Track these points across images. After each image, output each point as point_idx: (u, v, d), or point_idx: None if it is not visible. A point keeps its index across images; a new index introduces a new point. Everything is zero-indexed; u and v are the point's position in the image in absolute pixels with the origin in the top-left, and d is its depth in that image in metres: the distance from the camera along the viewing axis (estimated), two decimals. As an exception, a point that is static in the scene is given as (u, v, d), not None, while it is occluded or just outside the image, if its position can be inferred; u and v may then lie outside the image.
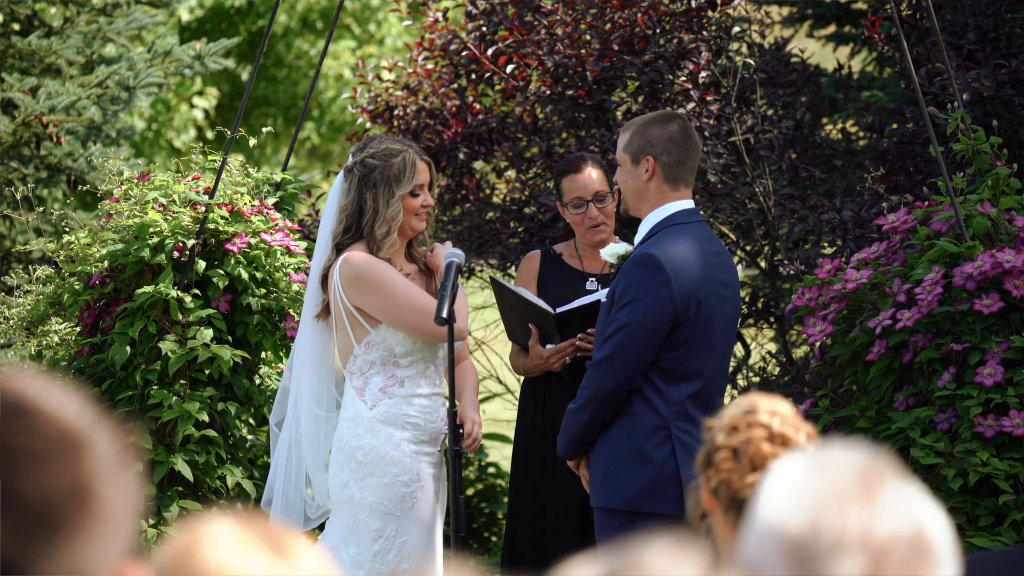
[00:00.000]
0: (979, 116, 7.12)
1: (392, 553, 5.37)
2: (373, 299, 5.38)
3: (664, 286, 5.17)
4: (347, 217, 5.49)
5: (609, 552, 1.76)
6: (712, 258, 5.32)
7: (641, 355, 5.17)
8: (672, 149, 5.32)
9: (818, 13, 9.34)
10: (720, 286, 5.30)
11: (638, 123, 5.40)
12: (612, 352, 5.17)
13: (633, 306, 5.17)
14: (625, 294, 5.21)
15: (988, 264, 5.65)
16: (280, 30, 17.21)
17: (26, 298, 6.45)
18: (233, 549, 1.75)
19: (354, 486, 5.39)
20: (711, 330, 5.26)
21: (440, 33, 7.97)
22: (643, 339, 5.16)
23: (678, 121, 5.38)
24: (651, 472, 5.18)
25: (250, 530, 1.78)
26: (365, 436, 5.39)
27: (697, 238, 5.31)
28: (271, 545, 1.77)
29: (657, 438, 5.20)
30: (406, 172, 5.47)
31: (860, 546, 1.84)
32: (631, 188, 5.37)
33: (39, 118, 8.62)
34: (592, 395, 5.21)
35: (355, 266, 5.40)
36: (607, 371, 5.18)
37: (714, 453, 2.98)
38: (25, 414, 1.70)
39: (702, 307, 5.22)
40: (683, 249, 5.24)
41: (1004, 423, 5.60)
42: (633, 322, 5.16)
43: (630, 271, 5.24)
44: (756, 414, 3.00)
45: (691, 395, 5.23)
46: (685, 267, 5.21)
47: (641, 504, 5.18)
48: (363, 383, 5.44)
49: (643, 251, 5.26)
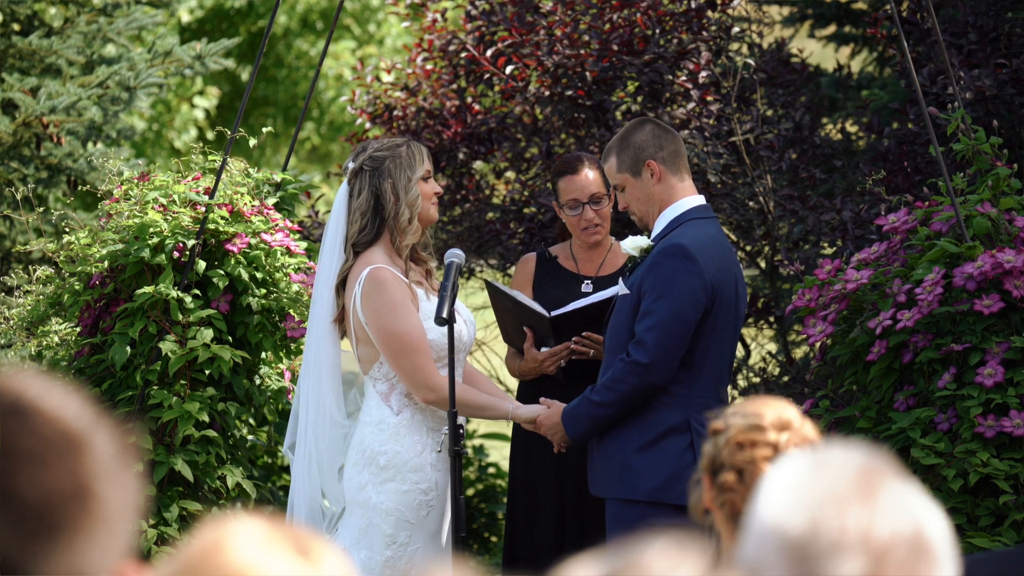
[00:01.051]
0: (980, 116, 7.12)
1: (403, 561, 5.35)
2: (385, 349, 5.39)
3: (698, 276, 5.20)
4: (362, 215, 5.46)
5: (609, 552, 1.76)
6: (729, 252, 5.38)
7: (680, 347, 5.20)
8: (662, 143, 5.38)
9: (818, 13, 9.34)
10: (736, 281, 5.35)
11: (616, 143, 5.44)
12: (654, 349, 5.17)
13: (669, 298, 5.18)
14: (658, 286, 5.20)
15: (988, 264, 5.65)
16: (280, 31, 17.21)
17: (26, 298, 6.45)
18: (259, 548, 1.75)
19: (372, 490, 5.37)
20: (727, 323, 5.29)
21: (439, 34, 7.97)
22: (683, 331, 5.19)
23: (648, 120, 5.49)
24: (671, 464, 5.20)
25: (277, 531, 1.78)
26: (389, 441, 5.38)
27: (716, 232, 5.37)
28: (296, 547, 1.77)
29: (677, 431, 5.22)
30: (416, 157, 5.50)
31: (860, 546, 1.84)
32: (643, 199, 5.39)
33: (39, 118, 8.62)
34: (630, 391, 5.20)
35: (376, 302, 5.39)
36: (651, 369, 5.17)
37: (719, 469, 2.96)
38: (25, 414, 1.70)
39: (723, 300, 5.26)
40: (707, 241, 5.29)
41: (1004, 423, 5.60)
42: (671, 313, 5.17)
43: (662, 262, 5.23)
44: (763, 432, 2.95)
45: (709, 388, 5.27)
46: (712, 258, 5.25)
47: (662, 495, 5.19)
48: (389, 388, 5.44)
49: (672, 242, 5.26)
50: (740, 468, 2.93)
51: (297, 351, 6.43)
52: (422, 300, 5.45)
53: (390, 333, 5.35)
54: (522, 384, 6.18)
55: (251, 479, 6.36)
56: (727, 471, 2.94)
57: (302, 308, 6.20)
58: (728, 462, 2.94)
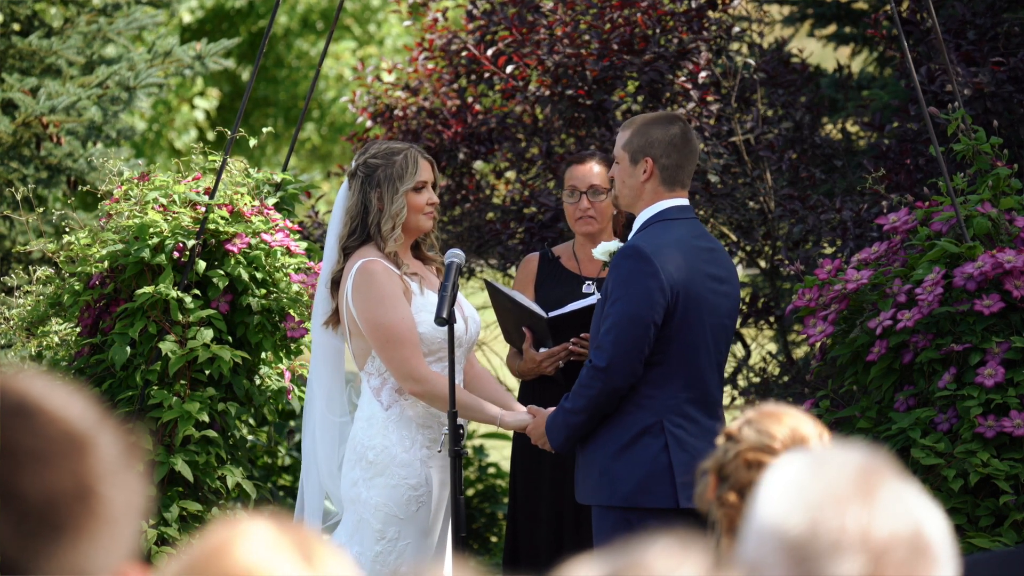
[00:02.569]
0: (979, 114, 7.13)
1: (393, 556, 5.37)
2: (373, 340, 5.40)
3: (652, 276, 5.16)
4: (352, 219, 5.51)
5: (611, 552, 1.76)
6: (702, 252, 5.31)
7: (640, 348, 5.16)
8: (672, 152, 5.33)
9: (819, 12, 9.34)
10: (711, 280, 5.29)
11: (639, 122, 5.40)
12: (611, 351, 5.16)
13: (625, 299, 5.17)
14: (615, 289, 5.21)
15: (989, 264, 5.65)
16: (280, 31, 17.21)
17: (26, 298, 6.45)
18: (266, 551, 1.76)
19: (362, 485, 5.39)
20: (702, 324, 5.25)
21: (440, 33, 7.97)
22: (639, 331, 5.15)
23: (679, 124, 5.39)
24: (645, 467, 5.18)
25: (284, 534, 1.78)
26: (377, 436, 5.40)
27: (687, 232, 5.31)
28: (302, 551, 1.77)
29: (650, 433, 5.20)
30: (408, 168, 5.50)
31: (859, 546, 1.84)
32: (628, 186, 5.38)
33: (39, 118, 8.62)
34: (596, 396, 5.20)
35: (365, 293, 5.40)
36: (610, 373, 5.17)
37: (725, 479, 2.92)
38: (29, 414, 1.70)
39: (691, 299, 5.21)
40: (671, 241, 5.25)
41: (1004, 424, 5.60)
42: (626, 315, 5.15)
43: (619, 264, 5.24)
44: (773, 454, 2.88)
45: (683, 389, 5.23)
46: (672, 258, 5.21)
47: (638, 499, 5.18)
48: (380, 383, 5.46)
49: (629, 244, 5.28)
50: (743, 488, 2.88)
51: (297, 351, 6.43)
52: (415, 293, 5.46)
53: (379, 324, 5.37)
54: (523, 384, 6.19)
55: (251, 479, 6.37)
56: (730, 489, 2.91)
57: (302, 308, 6.21)
58: (733, 478, 2.91)
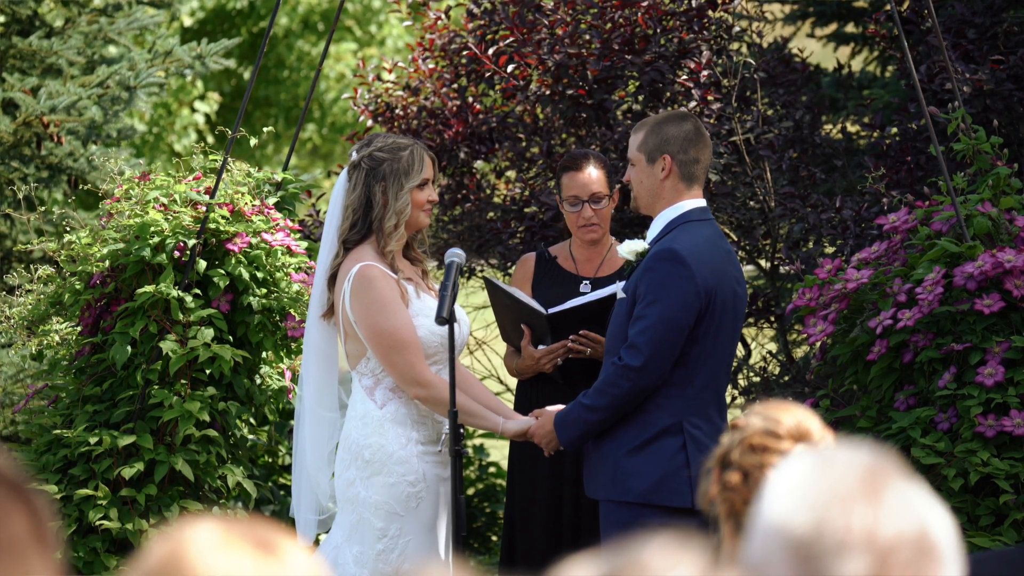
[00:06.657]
0: (979, 113, 7.12)
1: (395, 553, 5.36)
2: (375, 346, 5.38)
3: (690, 280, 5.19)
4: (354, 212, 5.46)
5: (608, 550, 1.76)
6: (726, 255, 5.37)
7: (673, 351, 5.20)
8: (688, 147, 5.36)
9: (819, 11, 9.34)
10: (735, 282, 5.34)
11: (651, 123, 5.42)
12: (647, 353, 5.17)
13: (662, 302, 5.19)
14: (651, 291, 5.21)
15: (989, 264, 5.66)
16: (281, 32, 17.21)
17: (27, 297, 6.45)
18: (218, 551, 1.73)
19: (360, 484, 5.38)
20: (724, 325, 5.29)
21: (441, 33, 7.96)
22: (675, 335, 5.18)
23: (691, 120, 5.42)
24: (662, 466, 5.20)
25: (232, 530, 1.76)
26: (373, 435, 5.39)
27: (713, 234, 5.35)
28: (256, 544, 1.75)
29: (670, 433, 5.22)
30: (415, 165, 5.46)
31: (865, 546, 1.83)
32: (646, 187, 5.38)
33: (40, 118, 8.62)
34: (622, 395, 5.20)
35: (365, 300, 5.38)
36: (643, 373, 5.17)
37: (728, 466, 2.95)
38: None
39: (719, 302, 5.25)
40: (702, 244, 5.28)
41: (1005, 423, 5.60)
42: (664, 318, 5.18)
43: (654, 267, 5.24)
44: (778, 440, 2.92)
45: (703, 389, 5.25)
46: (706, 262, 5.24)
47: (653, 497, 5.20)
48: (374, 383, 5.44)
49: (664, 247, 5.27)
50: (747, 470, 2.91)
51: (298, 350, 6.43)
52: (412, 297, 5.45)
53: (380, 331, 5.35)
54: (520, 383, 6.18)
55: (252, 478, 6.37)
56: (734, 470, 2.93)
57: (302, 308, 6.20)
58: (736, 462, 2.93)
